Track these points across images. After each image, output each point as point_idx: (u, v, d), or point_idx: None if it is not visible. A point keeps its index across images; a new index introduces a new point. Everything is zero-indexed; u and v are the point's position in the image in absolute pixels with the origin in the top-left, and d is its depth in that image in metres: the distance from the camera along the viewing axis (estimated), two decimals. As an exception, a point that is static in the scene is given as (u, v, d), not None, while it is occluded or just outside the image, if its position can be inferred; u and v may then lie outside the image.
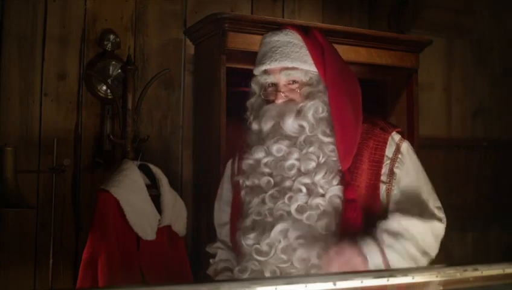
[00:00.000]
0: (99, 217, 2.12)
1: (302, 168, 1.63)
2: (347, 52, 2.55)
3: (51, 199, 2.47)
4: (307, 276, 1.19)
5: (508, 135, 3.55)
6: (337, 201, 1.63)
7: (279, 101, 1.68)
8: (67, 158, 2.50)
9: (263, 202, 1.65)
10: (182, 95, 2.80)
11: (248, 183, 1.70)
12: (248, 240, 1.62)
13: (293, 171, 1.63)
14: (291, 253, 1.57)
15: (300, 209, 1.60)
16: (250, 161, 1.70)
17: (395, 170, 1.68)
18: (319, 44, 1.72)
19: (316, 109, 1.67)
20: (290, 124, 1.65)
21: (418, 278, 1.12)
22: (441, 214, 1.69)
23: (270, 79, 1.71)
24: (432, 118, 3.33)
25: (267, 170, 1.67)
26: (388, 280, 1.08)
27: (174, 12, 2.80)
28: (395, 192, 1.67)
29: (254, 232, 1.62)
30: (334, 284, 1.04)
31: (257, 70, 1.75)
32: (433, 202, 1.70)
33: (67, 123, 2.59)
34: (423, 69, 2.98)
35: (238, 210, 1.75)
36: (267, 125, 1.68)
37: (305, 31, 1.75)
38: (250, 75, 1.99)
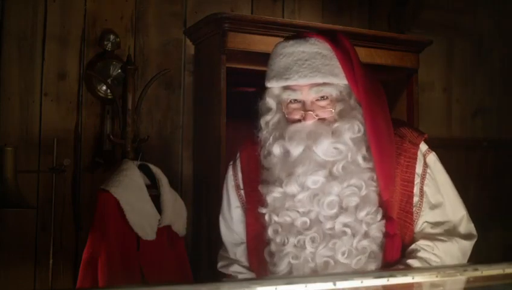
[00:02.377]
0: (99, 217, 2.12)
1: (344, 204, 1.45)
2: (347, 52, 2.56)
3: (51, 199, 2.47)
4: (307, 276, 1.19)
5: (508, 135, 3.55)
6: (380, 236, 1.47)
7: (309, 121, 1.47)
8: (67, 158, 2.50)
9: (301, 245, 1.45)
10: (182, 95, 2.80)
11: (278, 220, 1.48)
12: None
13: (334, 210, 1.44)
14: None
15: (348, 254, 1.44)
16: (278, 195, 1.49)
17: (425, 188, 1.55)
18: (348, 52, 1.51)
19: (353, 128, 1.47)
20: (326, 148, 1.45)
21: (418, 278, 1.12)
22: (473, 230, 1.62)
23: (295, 95, 1.49)
24: (432, 118, 3.33)
25: (301, 208, 1.46)
26: (388, 280, 1.08)
27: (174, 12, 2.80)
28: (425, 212, 1.55)
29: None
30: (334, 284, 1.04)
31: (275, 84, 1.53)
32: (466, 220, 1.61)
33: (67, 123, 2.59)
34: (423, 69, 2.98)
35: (261, 239, 1.55)
36: (297, 150, 1.46)
37: (332, 37, 1.52)
38: (250, 75, 2.00)
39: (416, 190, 1.54)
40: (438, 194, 1.57)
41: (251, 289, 1.00)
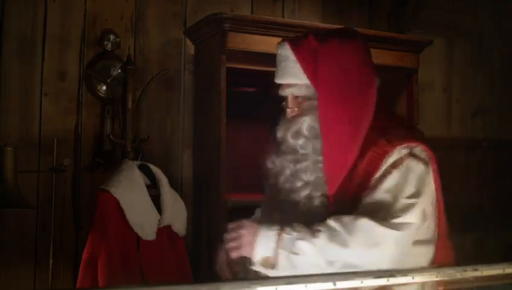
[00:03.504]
0: (99, 217, 2.13)
1: (289, 186, 1.65)
2: (347, 52, 2.56)
3: (51, 199, 2.47)
4: (307, 276, 1.19)
5: (508, 135, 3.55)
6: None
7: (288, 116, 1.70)
8: (67, 158, 2.50)
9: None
10: (182, 95, 2.80)
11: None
12: None
13: (286, 186, 1.67)
14: None
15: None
16: (271, 165, 1.75)
17: (380, 184, 1.53)
18: (313, 51, 1.62)
19: (308, 124, 1.64)
20: (290, 141, 1.67)
21: (417, 278, 1.12)
22: (406, 220, 1.48)
23: (282, 92, 1.71)
24: (432, 118, 3.33)
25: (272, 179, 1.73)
26: (388, 280, 1.08)
27: (174, 13, 2.81)
28: (367, 198, 1.54)
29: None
30: (334, 284, 1.04)
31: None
32: (400, 209, 1.50)
33: (67, 123, 2.59)
34: (423, 69, 2.98)
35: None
36: (280, 138, 1.71)
37: (295, 41, 1.67)
38: (250, 75, 2.00)
39: (371, 183, 1.55)
40: (388, 194, 1.52)
41: (251, 289, 1.00)
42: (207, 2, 2.84)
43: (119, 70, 2.60)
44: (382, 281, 1.08)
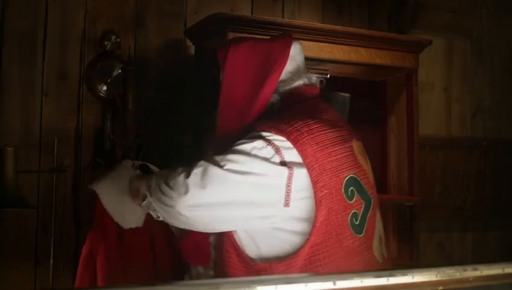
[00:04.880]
0: (97, 214, 2.11)
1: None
2: (347, 52, 2.56)
3: (51, 199, 2.48)
4: (307, 276, 1.19)
5: (508, 135, 3.55)
6: None
7: None
8: (67, 158, 2.51)
9: None
10: (182, 94, 2.80)
11: None
12: None
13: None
14: None
15: None
16: None
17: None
18: (224, 56, 1.84)
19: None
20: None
21: (417, 278, 1.13)
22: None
23: None
24: (431, 118, 3.33)
25: None
26: (388, 280, 1.08)
27: (174, 13, 2.81)
28: None
29: None
30: (334, 284, 1.04)
31: None
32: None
33: (68, 123, 2.59)
34: (423, 69, 2.98)
35: None
36: None
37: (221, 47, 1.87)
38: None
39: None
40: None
41: (251, 289, 1.00)
42: (207, 2, 2.84)
43: (120, 71, 2.60)
44: (382, 281, 1.08)
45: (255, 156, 1.58)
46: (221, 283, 1.00)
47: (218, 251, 1.71)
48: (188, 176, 1.58)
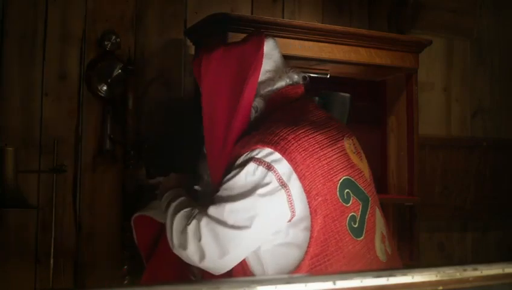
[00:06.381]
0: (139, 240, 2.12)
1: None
2: (347, 52, 2.56)
3: (51, 199, 2.48)
4: (307, 276, 1.19)
5: (507, 135, 3.55)
6: None
7: None
8: (67, 158, 2.51)
9: None
10: (182, 95, 2.80)
11: None
12: None
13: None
14: None
15: None
16: None
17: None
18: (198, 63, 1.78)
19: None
20: None
21: (417, 278, 1.13)
22: (205, 213, 1.59)
23: None
24: (431, 118, 3.33)
25: None
26: (388, 280, 1.08)
27: (174, 13, 2.81)
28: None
29: None
30: (334, 284, 1.04)
31: None
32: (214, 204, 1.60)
33: (68, 123, 2.59)
34: (423, 69, 2.98)
35: None
36: None
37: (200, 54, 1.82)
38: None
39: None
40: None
41: (251, 289, 1.00)
42: (207, 2, 2.84)
43: (120, 71, 2.60)
44: (382, 281, 1.08)
45: (253, 189, 1.55)
46: (221, 283, 1.00)
47: (227, 271, 1.68)
48: (198, 237, 1.56)
